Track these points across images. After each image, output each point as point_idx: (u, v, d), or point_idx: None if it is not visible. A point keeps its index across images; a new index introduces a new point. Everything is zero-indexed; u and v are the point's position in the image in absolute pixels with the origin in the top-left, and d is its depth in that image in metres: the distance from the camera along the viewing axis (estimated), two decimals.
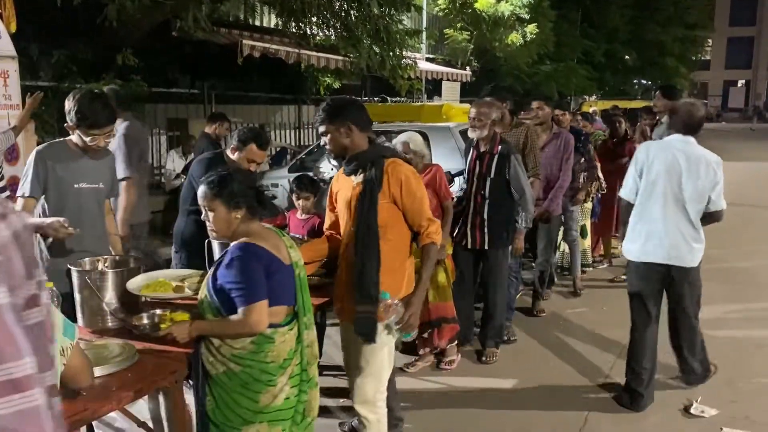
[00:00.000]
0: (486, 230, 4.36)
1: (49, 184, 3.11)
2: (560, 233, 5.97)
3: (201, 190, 2.45)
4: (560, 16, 18.77)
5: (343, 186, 2.88)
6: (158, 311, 2.64)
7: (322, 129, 2.80)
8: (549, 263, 5.48)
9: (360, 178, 2.78)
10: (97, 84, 7.55)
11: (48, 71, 7.62)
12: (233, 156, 3.69)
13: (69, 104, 3.05)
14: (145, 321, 2.61)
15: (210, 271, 2.48)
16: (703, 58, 42.35)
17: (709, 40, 41.73)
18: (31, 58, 7.46)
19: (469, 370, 4.44)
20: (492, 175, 4.31)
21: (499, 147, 4.31)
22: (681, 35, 25.63)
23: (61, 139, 3.25)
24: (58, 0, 5.95)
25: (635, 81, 28.52)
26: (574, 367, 4.49)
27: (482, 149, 4.35)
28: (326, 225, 3.06)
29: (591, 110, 12.86)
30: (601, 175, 6.35)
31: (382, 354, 2.83)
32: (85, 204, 3.19)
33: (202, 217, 2.50)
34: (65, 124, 3.12)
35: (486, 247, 4.39)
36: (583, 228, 6.30)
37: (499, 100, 4.76)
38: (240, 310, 2.32)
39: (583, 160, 5.87)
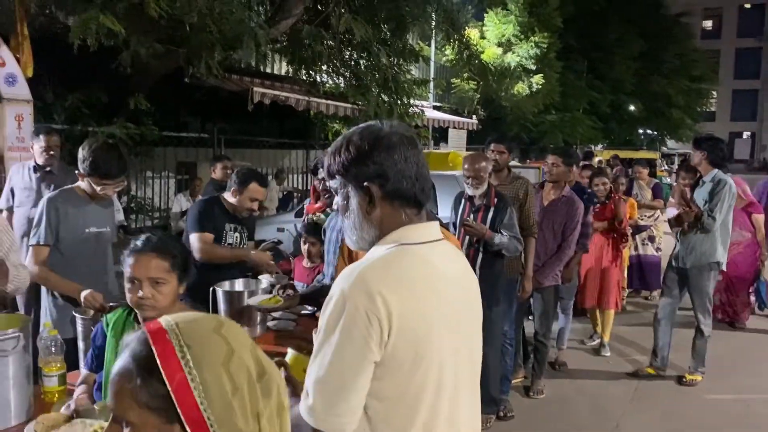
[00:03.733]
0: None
1: (62, 230, 3.17)
2: None
3: (146, 256, 2.14)
4: (566, 67, 19.07)
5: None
6: (88, 421, 2.04)
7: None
8: (548, 338, 4.95)
9: None
10: (109, 128, 7.70)
11: (61, 114, 7.76)
12: (233, 199, 3.72)
13: (83, 153, 3.10)
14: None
15: None
16: (708, 110, 42.71)
17: (714, 92, 42.15)
18: (46, 102, 7.61)
19: None
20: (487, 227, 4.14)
21: (496, 200, 4.16)
22: (686, 87, 25.94)
23: (70, 186, 3.31)
24: (75, 47, 6.08)
25: (641, 131, 28.74)
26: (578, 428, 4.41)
27: (477, 202, 4.21)
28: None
29: (596, 160, 12.78)
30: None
31: None
32: (96, 248, 3.25)
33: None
34: (76, 171, 3.18)
35: None
36: None
37: (505, 149, 4.55)
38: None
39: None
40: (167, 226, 9.00)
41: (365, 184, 1.42)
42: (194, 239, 3.56)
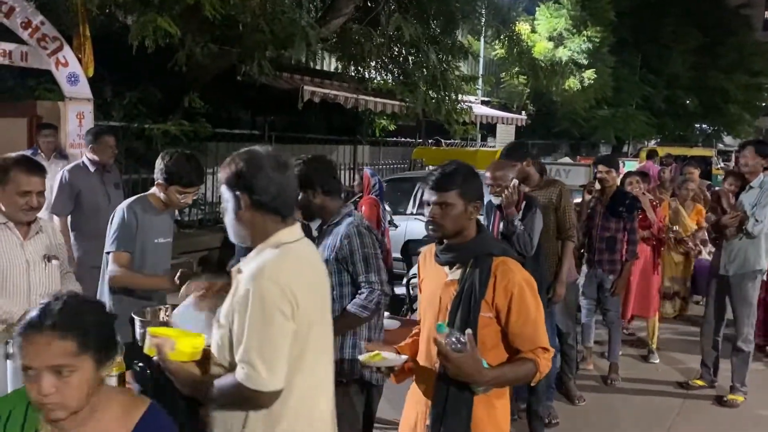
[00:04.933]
0: None
1: (138, 237, 3.20)
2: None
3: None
4: (619, 61, 18.62)
5: (431, 272, 2.29)
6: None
7: (433, 198, 2.16)
8: (573, 339, 4.79)
9: (457, 274, 2.18)
10: (165, 125, 7.93)
11: (119, 111, 8.03)
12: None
13: (164, 164, 3.13)
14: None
15: None
16: None
17: None
18: (105, 99, 7.88)
19: None
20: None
21: (524, 203, 3.97)
22: (745, 82, 24.95)
23: (143, 194, 3.34)
24: (134, 48, 6.28)
25: (696, 126, 27.79)
26: None
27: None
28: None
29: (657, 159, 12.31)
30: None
31: None
32: (160, 257, 3.33)
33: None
34: (156, 182, 3.22)
35: None
36: None
37: (519, 158, 4.33)
38: None
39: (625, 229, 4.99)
40: (219, 221, 9.23)
41: (237, 193, 1.85)
42: None
